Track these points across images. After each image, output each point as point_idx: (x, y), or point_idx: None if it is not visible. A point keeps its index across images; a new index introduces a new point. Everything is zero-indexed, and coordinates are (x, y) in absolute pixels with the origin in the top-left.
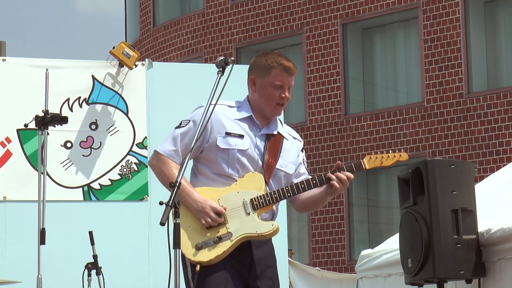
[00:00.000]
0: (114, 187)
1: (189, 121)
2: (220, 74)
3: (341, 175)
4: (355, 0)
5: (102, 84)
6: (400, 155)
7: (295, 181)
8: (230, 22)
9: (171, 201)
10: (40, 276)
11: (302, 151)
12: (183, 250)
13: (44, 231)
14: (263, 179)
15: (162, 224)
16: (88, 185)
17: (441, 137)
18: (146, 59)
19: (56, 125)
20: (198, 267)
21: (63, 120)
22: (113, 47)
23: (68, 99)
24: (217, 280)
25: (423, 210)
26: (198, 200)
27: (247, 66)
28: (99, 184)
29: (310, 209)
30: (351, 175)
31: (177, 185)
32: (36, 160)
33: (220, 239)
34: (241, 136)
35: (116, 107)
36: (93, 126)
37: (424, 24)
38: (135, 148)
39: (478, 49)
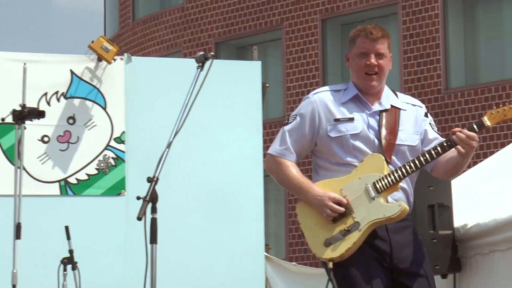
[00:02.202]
0: (91, 182)
1: (296, 116)
2: (199, 69)
3: (461, 134)
4: None
5: (80, 78)
6: None
7: (427, 149)
8: (210, 17)
9: (148, 196)
10: (15, 271)
11: (426, 115)
12: (313, 250)
13: (19, 226)
14: (383, 159)
15: (139, 219)
16: (65, 179)
17: None
18: (125, 54)
19: (33, 120)
20: (330, 265)
21: (40, 114)
22: (92, 41)
23: (46, 93)
24: (357, 274)
25: None
26: (318, 194)
27: (227, 61)
28: (76, 178)
29: (454, 173)
30: (471, 134)
31: (155, 180)
32: (13, 154)
33: (348, 231)
34: (351, 120)
35: (94, 102)
36: (71, 121)
37: (403, 20)
38: (112, 143)
39: (456, 45)
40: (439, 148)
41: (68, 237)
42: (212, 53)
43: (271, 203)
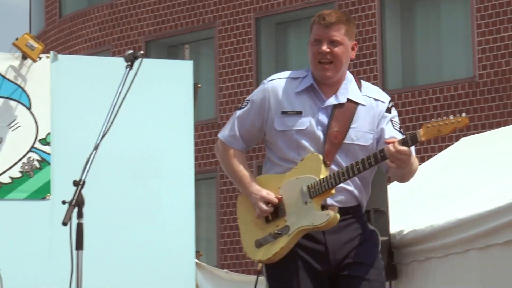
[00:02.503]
0: (15, 185)
1: (248, 102)
2: (128, 69)
3: (391, 148)
4: None
5: (3, 77)
6: (459, 121)
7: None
8: (140, 14)
9: (74, 200)
10: None
11: (389, 111)
12: (244, 248)
13: None
14: (321, 161)
15: (64, 224)
16: None
17: None
18: (51, 52)
19: None
20: (259, 266)
21: None
22: (16, 39)
23: None
24: (287, 278)
25: None
26: (253, 191)
27: (157, 61)
28: None
29: (402, 180)
30: (402, 149)
31: (81, 183)
32: None
33: (278, 234)
34: (299, 114)
35: (18, 101)
36: None
37: None
38: (37, 145)
39: (394, 46)
40: (372, 159)
41: None
42: (142, 51)
43: (203, 208)
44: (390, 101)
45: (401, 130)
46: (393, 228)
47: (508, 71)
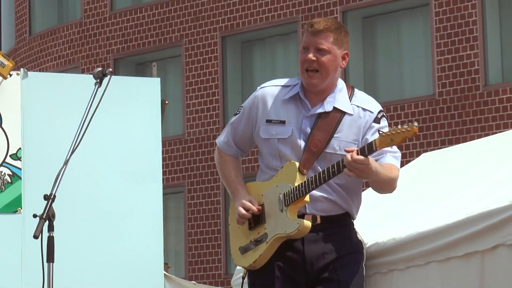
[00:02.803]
0: None
1: (241, 108)
2: (97, 85)
3: (348, 157)
4: (234, 13)
5: None
6: (408, 130)
7: (376, 159)
8: (108, 32)
9: (45, 214)
10: None
11: (377, 121)
12: (232, 254)
13: None
14: (297, 169)
15: (35, 237)
16: None
17: None
18: (21, 69)
19: None
20: (243, 273)
21: None
22: None
23: None
24: (264, 285)
25: None
26: (237, 197)
27: (125, 78)
28: None
29: (379, 190)
30: (358, 158)
31: (51, 197)
32: None
33: (259, 242)
34: (283, 123)
35: None
36: None
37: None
38: (8, 160)
39: (356, 64)
40: (335, 167)
41: None
42: (110, 69)
43: (171, 221)
44: (380, 111)
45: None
46: None
47: (466, 89)
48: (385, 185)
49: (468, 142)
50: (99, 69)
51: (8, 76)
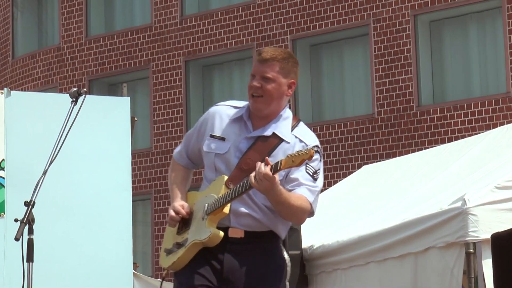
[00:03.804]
0: None
1: (197, 123)
2: (73, 104)
3: (261, 166)
4: (196, 40)
5: None
6: (306, 153)
7: (289, 188)
8: (84, 56)
9: (25, 218)
10: None
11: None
12: (160, 255)
13: None
14: (224, 182)
15: (16, 239)
16: None
17: None
18: (5, 88)
19: None
20: (164, 273)
21: None
22: None
23: None
24: (184, 282)
25: None
26: (173, 202)
27: (99, 97)
28: None
29: (284, 216)
30: (265, 172)
31: (31, 203)
32: None
33: (180, 245)
34: (222, 139)
35: None
36: None
37: None
38: None
39: (304, 86)
40: (248, 183)
41: None
42: (85, 89)
43: (139, 225)
44: (315, 146)
45: (314, 175)
46: (305, 243)
47: (402, 109)
48: (290, 213)
49: (403, 156)
50: (75, 89)
51: None
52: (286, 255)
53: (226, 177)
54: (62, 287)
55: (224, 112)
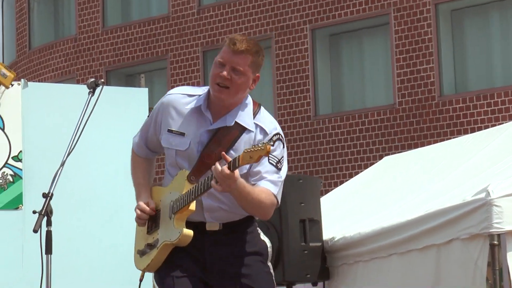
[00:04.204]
0: None
1: (151, 114)
2: (90, 94)
3: (217, 166)
4: (214, 30)
5: None
6: (262, 148)
7: (252, 182)
8: (101, 47)
9: (43, 210)
10: None
11: (271, 143)
12: (134, 256)
13: None
14: (186, 177)
15: (35, 231)
16: None
17: (290, 154)
18: (22, 79)
19: None
20: (141, 275)
21: None
22: None
23: None
24: (166, 282)
25: (274, 220)
26: (138, 200)
27: (116, 88)
28: None
29: (247, 210)
30: (224, 172)
31: (49, 195)
32: None
33: (152, 246)
34: (182, 134)
35: None
36: None
37: (276, 53)
38: (10, 161)
39: (324, 77)
40: (209, 180)
41: None
42: (103, 80)
43: None
44: (276, 134)
45: (278, 165)
46: (326, 235)
47: (423, 99)
48: (254, 207)
49: (425, 147)
50: (92, 80)
51: (10, 86)
52: (264, 237)
53: (187, 172)
54: (80, 279)
55: (178, 102)
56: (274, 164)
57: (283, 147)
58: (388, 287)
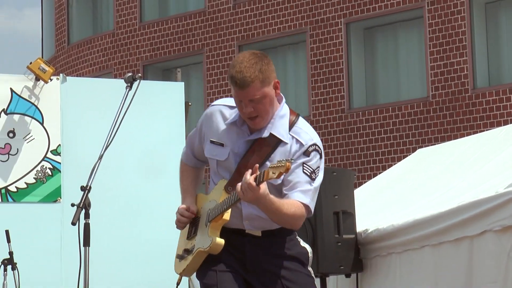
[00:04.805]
0: (30, 190)
1: (197, 124)
2: (128, 89)
3: (246, 176)
4: (250, 24)
5: (19, 96)
6: (282, 165)
7: (285, 191)
8: (138, 42)
9: (81, 203)
10: None
11: (307, 155)
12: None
13: None
14: (223, 186)
15: (73, 224)
16: (6, 188)
17: (325, 147)
18: (61, 74)
19: None
20: (178, 279)
21: None
22: (30, 63)
23: None
24: (207, 274)
25: None
26: (182, 202)
27: (153, 82)
28: (15, 187)
29: (274, 221)
30: (249, 183)
31: (87, 188)
32: None
33: (189, 252)
34: (222, 145)
35: (32, 117)
36: (11, 134)
37: (311, 47)
38: (49, 155)
39: (358, 70)
40: (231, 196)
41: (8, 240)
42: (140, 74)
43: None
44: (312, 145)
45: (312, 175)
46: (359, 227)
47: (457, 92)
48: (282, 221)
49: (459, 139)
50: (130, 74)
51: (49, 80)
52: (305, 244)
53: (226, 182)
54: (119, 272)
55: (220, 113)
56: (308, 174)
57: (320, 157)
58: (420, 279)
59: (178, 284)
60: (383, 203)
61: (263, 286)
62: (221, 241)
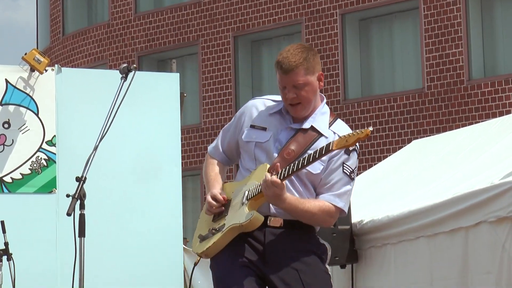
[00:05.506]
0: (25, 181)
1: (235, 117)
2: (123, 80)
3: (267, 174)
4: (245, 15)
5: (14, 87)
6: (362, 132)
7: (319, 190)
8: (133, 32)
9: (77, 194)
10: None
11: (347, 153)
12: (192, 243)
13: None
14: (266, 169)
15: (68, 214)
16: (1, 178)
17: None
18: (56, 65)
19: None
20: (197, 259)
21: None
22: (25, 53)
23: None
24: (220, 267)
25: None
26: (210, 190)
27: (148, 73)
28: (11, 177)
29: (298, 219)
30: (272, 180)
31: (83, 179)
32: None
33: (216, 231)
34: (264, 129)
35: (27, 108)
36: (6, 125)
37: (306, 38)
38: (44, 146)
39: (353, 61)
40: (296, 165)
41: (4, 231)
42: (135, 65)
43: (189, 201)
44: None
45: (351, 175)
46: (354, 218)
47: (452, 83)
48: (305, 219)
49: (454, 130)
50: (125, 65)
51: (44, 71)
52: (324, 241)
53: (268, 165)
54: (113, 263)
55: (262, 104)
56: (348, 173)
57: (358, 157)
58: (415, 270)
59: (195, 264)
60: (378, 194)
61: (280, 279)
62: (261, 217)
